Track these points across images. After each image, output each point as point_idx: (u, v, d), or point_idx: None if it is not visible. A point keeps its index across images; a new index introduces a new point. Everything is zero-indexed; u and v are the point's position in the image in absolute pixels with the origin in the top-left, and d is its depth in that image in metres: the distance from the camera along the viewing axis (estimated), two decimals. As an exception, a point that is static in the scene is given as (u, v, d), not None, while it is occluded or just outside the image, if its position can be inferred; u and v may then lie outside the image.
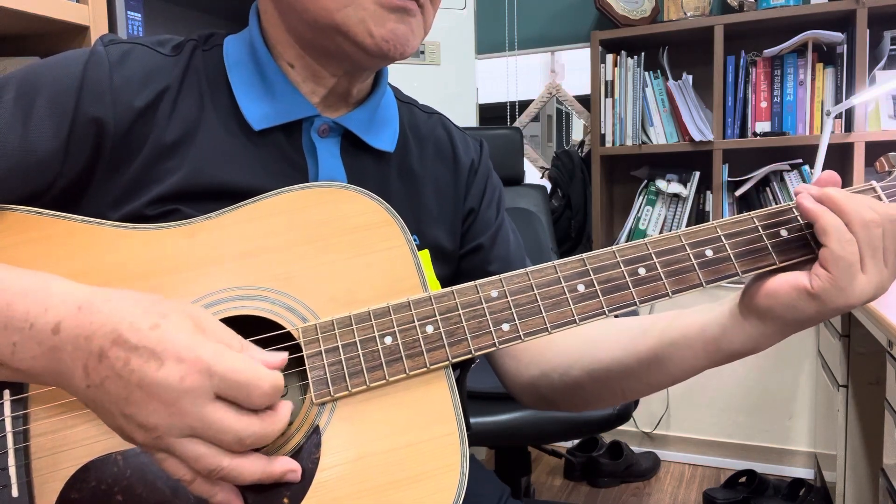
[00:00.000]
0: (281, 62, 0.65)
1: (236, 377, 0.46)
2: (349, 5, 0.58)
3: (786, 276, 0.54)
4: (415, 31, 0.62)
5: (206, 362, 0.45)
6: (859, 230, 0.51)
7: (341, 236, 0.58)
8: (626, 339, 0.63)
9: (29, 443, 0.52)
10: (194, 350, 0.45)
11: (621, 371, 0.64)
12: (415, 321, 0.55)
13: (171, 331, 0.46)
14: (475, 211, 0.76)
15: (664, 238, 0.57)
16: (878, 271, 0.52)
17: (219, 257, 0.56)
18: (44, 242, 0.56)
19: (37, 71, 0.59)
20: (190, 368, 0.45)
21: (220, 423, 0.45)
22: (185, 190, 0.59)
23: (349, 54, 0.62)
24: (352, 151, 0.68)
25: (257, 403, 0.47)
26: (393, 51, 0.60)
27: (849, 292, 0.52)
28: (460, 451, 0.52)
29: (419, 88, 2.27)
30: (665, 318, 0.62)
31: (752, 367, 2.38)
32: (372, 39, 0.59)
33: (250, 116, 0.63)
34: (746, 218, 0.57)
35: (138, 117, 0.60)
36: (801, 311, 0.53)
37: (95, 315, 0.46)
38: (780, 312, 0.54)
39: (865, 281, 0.52)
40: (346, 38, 0.60)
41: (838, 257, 0.51)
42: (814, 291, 0.52)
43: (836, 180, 0.56)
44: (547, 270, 0.57)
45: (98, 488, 0.51)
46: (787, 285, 0.53)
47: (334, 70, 0.65)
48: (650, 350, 0.61)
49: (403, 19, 0.60)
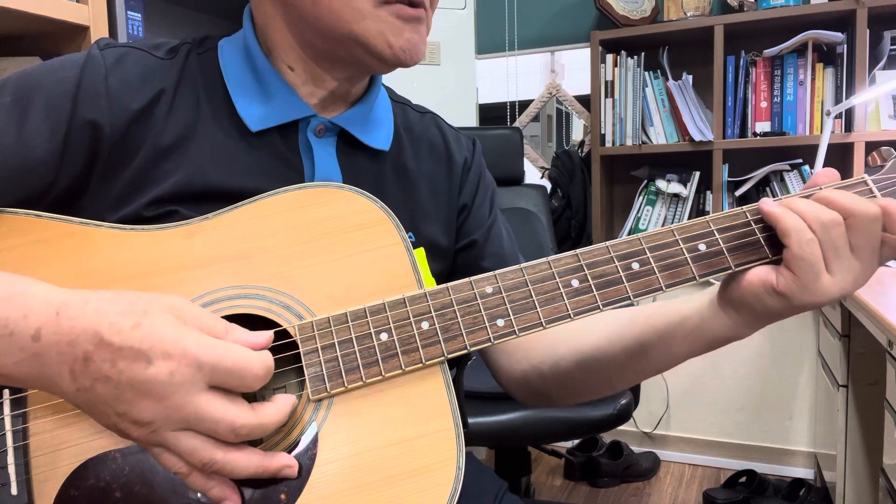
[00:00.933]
0: (279, 64, 0.65)
1: (226, 364, 0.46)
2: (367, 17, 0.59)
3: (757, 270, 0.54)
4: (423, 38, 0.64)
5: (194, 354, 0.45)
6: (818, 231, 0.51)
7: (337, 235, 0.58)
8: (613, 329, 0.64)
9: (28, 441, 0.52)
10: (180, 343, 0.45)
11: (609, 360, 0.64)
12: (410, 317, 0.55)
13: (154, 327, 0.45)
14: (468, 207, 0.77)
15: (658, 233, 0.57)
16: (846, 269, 0.52)
17: (216, 257, 0.57)
18: (42, 245, 0.56)
19: (33, 75, 0.60)
20: (179, 363, 0.45)
21: (214, 413, 0.46)
22: (183, 192, 0.60)
23: (364, 63, 0.63)
24: (347, 151, 0.68)
25: (251, 387, 0.47)
26: (409, 60, 0.62)
27: (815, 290, 0.52)
28: (456, 445, 0.53)
29: (419, 88, 2.28)
30: (650, 307, 0.63)
31: (752, 367, 2.38)
32: (391, 50, 0.61)
33: (247, 118, 0.63)
34: (739, 212, 0.57)
35: (135, 120, 0.60)
36: (769, 306, 0.54)
37: (75, 319, 0.46)
38: (751, 304, 0.55)
39: (830, 281, 0.52)
40: (363, 49, 0.61)
41: (799, 258, 0.51)
42: (779, 289, 0.53)
43: (835, 176, 0.57)
44: (541, 266, 0.57)
45: (97, 486, 0.51)
46: (756, 279, 0.54)
47: (338, 74, 0.66)
48: (636, 339, 0.62)
49: (416, 28, 0.62)
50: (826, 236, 0.51)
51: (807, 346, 2.29)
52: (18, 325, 0.46)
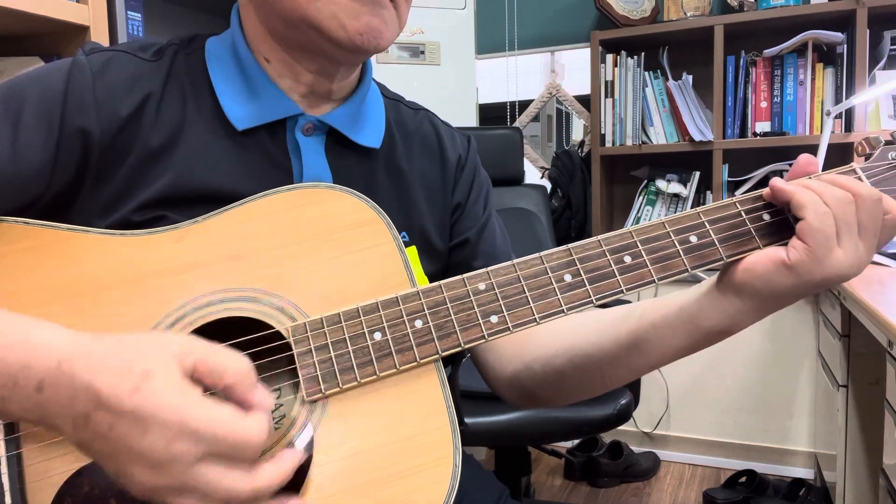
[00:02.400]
0: (259, 58, 0.65)
1: (226, 438, 0.44)
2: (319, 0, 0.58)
3: (763, 251, 0.55)
4: (388, 24, 0.62)
5: (193, 427, 0.43)
6: (832, 205, 0.53)
7: (329, 236, 0.58)
8: (607, 325, 0.64)
9: (21, 450, 0.51)
10: (179, 413, 0.43)
11: (602, 357, 0.63)
12: (403, 316, 0.55)
13: (154, 393, 0.43)
14: (462, 206, 0.76)
15: (649, 226, 0.57)
16: (853, 247, 0.53)
17: (207, 260, 0.57)
18: (32, 252, 0.56)
19: (20, 84, 0.60)
20: (176, 434, 0.43)
21: (210, 485, 0.44)
22: (170, 195, 0.60)
23: (322, 49, 0.62)
24: (337, 149, 0.68)
25: (252, 458, 0.45)
26: (367, 44, 0.60)
27: (826, 264, 0.53)
28: (452, 443, 0.53)
29: (419, 88, 2.28)
30: (645, 302, 0.62)
31: (752, 367, 2.37)
32: (345, 33, 0.59)
33: (233, 117, 0.63)
34: (729, 203, 0.57)
35: (123, 125, 0.60)
36: (778, 285, 0.54)
37: (76, 376, 0.44)
38: (758, 286, 0.55)
39: (842, 255, 0.53)
40: (318, 33, 0.60)
41: (815, 229, 0.52)
42: (790, 262, 0.53)
43: (814, 162, 0.58)
44: (533, 262, 0.57)
45: (91, 493, 0.50)
46: (764, 258, 0.54)
47: (308, 65, 0.64)
48: (630, 333, 0.61)
49: (376, 11, 0.60)
50: (840, 210, 0.53)
51: (807, 346, 2.29)
52: (20, 375, 0.45)
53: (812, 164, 0.58)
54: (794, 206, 0.54)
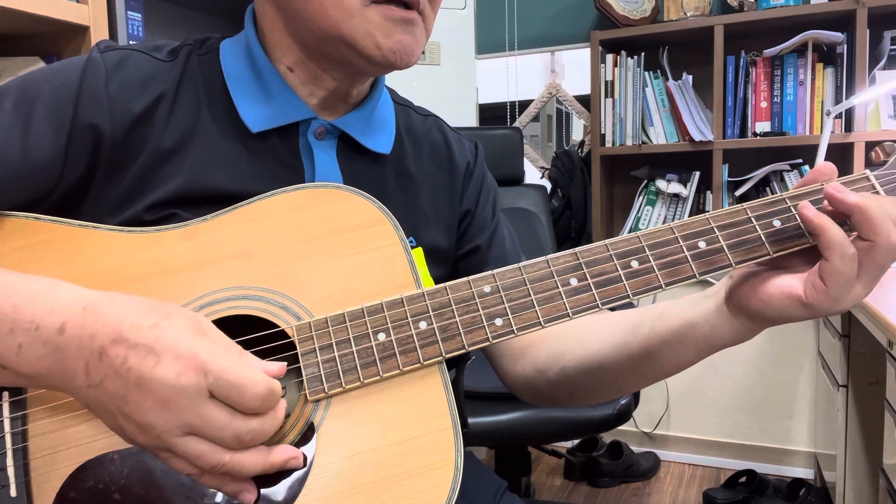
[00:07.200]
0: (279, 66, 0.65)
1: (230, 377, 0.46)
2: (355, 17, 0.59)
3: (778, 284, 0.53)
4: (418, 40, 0.63)
5: (203, 360, 0.45)
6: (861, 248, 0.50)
7: (335, 236, 0.58)
8: (618, 338, 0.63)
9: (27, 443, 0.52)
10: (192, 348, 0.46)
11: (615, 367, 0.64)
12: (408, 317, 0.55)
13: (171, 329, 0.46)
14: (471, 212, 0.76)
15: (657, 231, 0.57)
16: (871, 280, 0.52)
17: (215, 258, 0.57)
18: (42, 247, 0.56)
19: (35, 79, 0.60)
20: (186, 365, 0.45)
21: (217, 420, 0.46)
22: (183, 195, 0.60)
23: (354, 64, 0.63)
24: (348, 153, 0.68)
25: (250, 405, 0.47)
26: (399, 62, 0.61)
27: (843, 303, 0.52)
28: (455, 445, 0.53)
29: (419, 88, 2.28)
30: (653, 313, 0.62)
31: (752, 367, 2.38)
32: (379, 51, 0.60)
33: (248, 119, 0.63)
34: (739, 209, 0.57)
35: (136, 124, 0.60)
36: (791, 316, 0.53)
37: (100, 315, 0.47)
38: (770, 316, 0.54)
39: (860, 290, 0.52)
40: (351, 50, 0.60)
41: (839, 273, 0.50)
42: (807, 301, 0.52)
43: (834, 170, 0.56)
44: (539, 265, 0.57)
45: (95, 487, 0.51)
46: (779, 293, 0.53)
47: (335, 75, 0.65)
48: (641, 348, 0.61)
49: (408, 30, 0.61)
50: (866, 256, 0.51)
51: (807, 346, 2.29)
52: (45, 320, 0.47)
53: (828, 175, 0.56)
54: (821, 245, 0.51)
